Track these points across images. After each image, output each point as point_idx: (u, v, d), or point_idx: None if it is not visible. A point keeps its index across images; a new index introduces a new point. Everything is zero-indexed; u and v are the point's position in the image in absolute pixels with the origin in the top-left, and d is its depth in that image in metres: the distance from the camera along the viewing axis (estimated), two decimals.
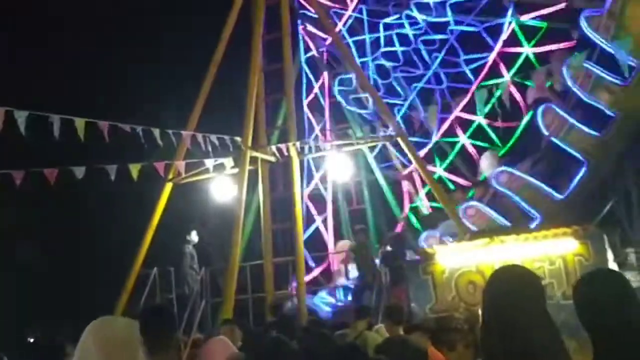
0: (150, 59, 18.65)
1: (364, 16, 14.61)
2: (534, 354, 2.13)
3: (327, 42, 14.51)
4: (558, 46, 12.98)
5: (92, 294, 13.99)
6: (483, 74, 13.67)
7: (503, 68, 13.67)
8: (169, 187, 12.99)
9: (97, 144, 10.95)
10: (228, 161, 12.44)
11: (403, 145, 12.03)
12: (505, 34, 13.41)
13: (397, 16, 14.54)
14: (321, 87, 15.42)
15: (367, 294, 10.67)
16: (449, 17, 14.11)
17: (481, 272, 8.46)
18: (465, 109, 13.72)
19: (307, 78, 15.51)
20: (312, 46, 15.12)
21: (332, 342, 5.55)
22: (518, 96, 13.15)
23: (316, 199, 14.92)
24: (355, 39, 14.97)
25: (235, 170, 12.15)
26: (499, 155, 13.22)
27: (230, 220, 12.06)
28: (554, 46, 13.05)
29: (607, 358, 2.26)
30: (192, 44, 16.94)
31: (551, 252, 8.81)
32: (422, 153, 13.53)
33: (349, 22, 14.98)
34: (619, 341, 2.23)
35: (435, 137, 13.99)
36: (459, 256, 9.26)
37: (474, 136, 14.02)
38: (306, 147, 12.43)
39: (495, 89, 11.64)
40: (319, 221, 14.63)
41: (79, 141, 10.54)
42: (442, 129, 13.92)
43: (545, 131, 11.44)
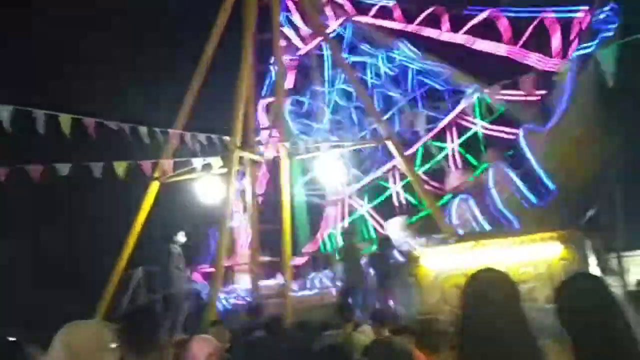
0: (140, 56, 18.53)
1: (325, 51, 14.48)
2: (510, 356, 2.14)
3: (301, 52, 14.41)
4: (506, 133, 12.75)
5: (74, 294, 13.82)
6: (433, 133, 13.63)
7: (454, 134, 13.50)
8: (155, 185, 12.90)
9: (83, 141, 10.87)
10: (216, 161, 12.41)
11: (392, 148, 12.07)
12: (461, 105, 13.06)
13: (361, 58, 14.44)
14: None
15: (353, 295, 10.69)
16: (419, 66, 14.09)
17: (466, 275, 8.49)
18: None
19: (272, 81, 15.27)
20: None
21: (317, 343, 5.55)
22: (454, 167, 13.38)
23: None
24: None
25: (224, 170, 12.11)
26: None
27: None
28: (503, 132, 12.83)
29: None
30: (183, 42, 16.88)
31: (536, 256, 8.89)
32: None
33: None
34: (599, 344, 2.26)
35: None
36: (444, 259, 9.31)
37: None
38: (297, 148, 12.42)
39: (438, 151, 11.99)
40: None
41: (64, 138, 10.46)
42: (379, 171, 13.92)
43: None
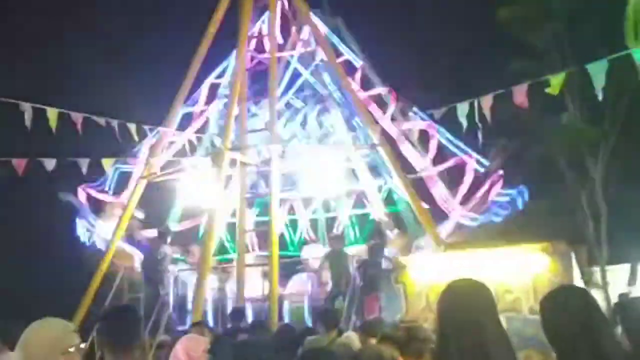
0: (133, 53, 18.45)
1: None
2: None
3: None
4: None
5: (55, 293, 13.67)
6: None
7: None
8: (142, 184, 12.81)
9: (70, 136, 10.77)
10: (206, 161, 12.36)
11: (384, 154, 12.10)
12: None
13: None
14: None
15: (339, 300, 10.69)
16: None
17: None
18: None
19: None
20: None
21: (301, 348, 5.54)
22: None
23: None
24: None
25: (213, 170, 12.07)
26: None
27: None
28: None
29: None
30: (175, 39, 16.83)
31: (521, 266, 8.96)
32: None
33: None
34: (584, 357, 2.27)
35: None
36: (431, 267, 9.35)
37: None
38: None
39: None
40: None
41: (50, 132, 10.36)
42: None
43: None
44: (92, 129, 11.28)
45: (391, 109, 12.63)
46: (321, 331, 6.52)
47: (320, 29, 13.51)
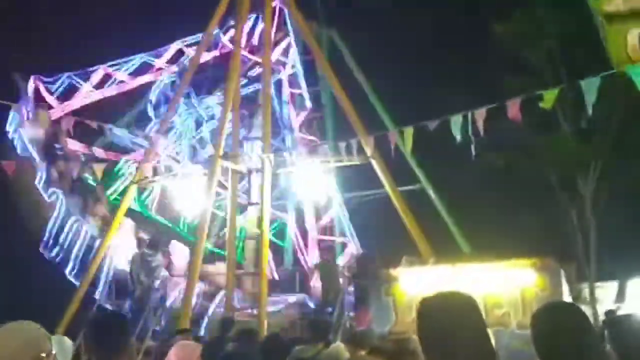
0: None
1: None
2: None
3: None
4: None
5: (44, 297, 13.51)
6: None
7: None
8: (133, 189, 12.76)
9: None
10: (198, 168, 12.34)
11: (377, 167, 12.11)
12: None
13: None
14: None
15: (328, 311, 10.65)
16: None
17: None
18: None
19: None
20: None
21: (289, 358, 5.51)
22: None
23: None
24: None
25: (205, 178, 12.04)
26: None
27: None
28: None
29: None
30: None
31: (510, 281, 8.98)
32: None
33: None
34: None
35: None
36: (420, 280, 9.34)
37: None
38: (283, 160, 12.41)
39: None
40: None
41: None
42: None
43: None
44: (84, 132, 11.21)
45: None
46: (309, 341, 6.48)
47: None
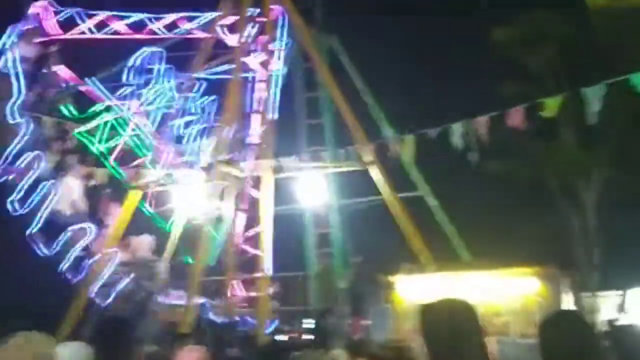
0: None
1: None
2: None
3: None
4: None
5: (45, 302, 13.48)
6: None
7: None
8: (136, 194, 12.76)
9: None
10: (199, 174, 12.33)
11: (375, 173, 12.07)
12: None
13: None
14: None
15: (328, 318, 10.59)
16: None
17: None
18: None
19: None
20: None
21: None
22: None
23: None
24: None
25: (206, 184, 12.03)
26: None
27: None
28: None
29: None
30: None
31: (511, 289, 8.92)
32: None
33: None
34: None
35: None
36: (419, 287, 9.28)
37: None
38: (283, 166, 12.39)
39: None
40: None
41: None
42: None
43: None
44: None
45: None
46: (310, 347, 6.46)
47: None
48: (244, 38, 13.05)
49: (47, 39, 13.64)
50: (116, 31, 13.80)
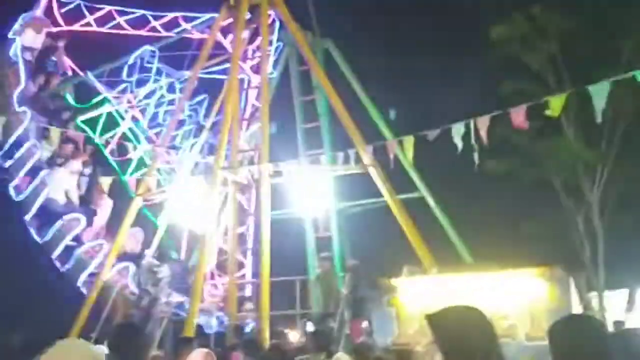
0: None
1: None
2: None
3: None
4: None
5: (50, 308, 13.44)
6: None
7: None
8: (138, 202, 12.69)
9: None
10: (199, 180, 12.27)
11: (375, 176, 11.95)
12: None
13: None
14: None
15: (329, 322, 10.48)
16: None
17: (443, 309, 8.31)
18: None
19: None
20: None
21: None
22: None
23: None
24: None
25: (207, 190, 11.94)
26: None
27: None
28: None
29: None
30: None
31: (517, 291, 8.73)
32: None
33: None
34: None
35: None
36: (423, 290, 9.12)
37: None
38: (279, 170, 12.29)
39: None
40: None
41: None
42: None
43: None
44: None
45: None
46: (312, 352, 6.43)
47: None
48: (241, 42, 12.99)
49: (55, 30, 13.97)
50: (119, 25, 14.04)
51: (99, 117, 13.76)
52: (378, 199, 12.42)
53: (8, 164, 12.86)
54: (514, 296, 8.70)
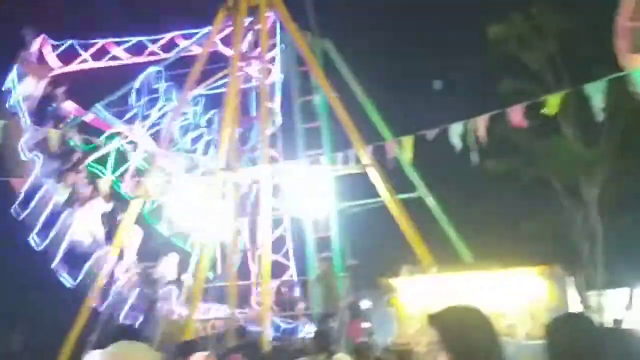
0: None
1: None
2: None
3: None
4: None
5: (47, 312, 13.43)
6: None
7: None
8: (138, 202, 12.69)
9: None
10: (199, 182, 12.28)
11: (374, 175, 11.97)
12: None
13: None
14: None
15: (329, 323, 10.49)
16: None
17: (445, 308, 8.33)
18: None
19: None
20: None
21: None
22: None
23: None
24: None
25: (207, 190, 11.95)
26: None
27: None
28: None
29: None
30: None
31: (516, 290, 8.76)
32: None
33: None
34: None
35: None
36: (423, 290, 9.14)
37: None
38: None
39: None
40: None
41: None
42: None
43: None
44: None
45: None
46: (312, 352, 6.44)
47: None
48: (242, 47, 13.02)
49: (52, 75, 13.68)
50: (117, 57, 13.84)
51: (108, 154, 13.52)
52: (378, 199, 12.43)
53: (24, 214, 12.40)
54: (513, 295, 8.72)
